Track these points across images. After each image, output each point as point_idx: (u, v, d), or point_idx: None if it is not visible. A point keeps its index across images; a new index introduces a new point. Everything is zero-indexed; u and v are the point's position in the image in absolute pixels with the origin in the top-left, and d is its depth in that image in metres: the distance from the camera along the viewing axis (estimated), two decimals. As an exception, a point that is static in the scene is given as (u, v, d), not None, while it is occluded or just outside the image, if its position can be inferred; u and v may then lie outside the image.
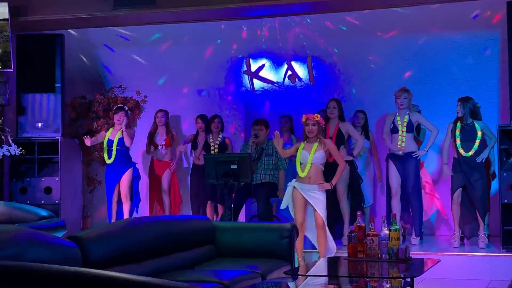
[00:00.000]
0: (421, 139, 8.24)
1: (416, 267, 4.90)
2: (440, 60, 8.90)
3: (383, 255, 4.94)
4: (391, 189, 7.82)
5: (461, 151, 7.43)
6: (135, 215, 8.60)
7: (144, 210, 9.32)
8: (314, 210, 6.68)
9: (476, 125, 7.44)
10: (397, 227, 5.03)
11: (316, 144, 6.66)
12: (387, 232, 4.98)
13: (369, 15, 8.79)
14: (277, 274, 4.98)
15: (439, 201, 8.41)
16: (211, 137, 8.72)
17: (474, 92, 8.02)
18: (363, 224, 5.14)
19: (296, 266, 5.64)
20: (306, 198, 6.66)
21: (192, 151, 9.03)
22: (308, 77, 9.45)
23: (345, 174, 7.70)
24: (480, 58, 8.77)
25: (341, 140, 7.83)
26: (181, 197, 9.17)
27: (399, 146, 7.69)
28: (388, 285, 4.42)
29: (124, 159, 8.40)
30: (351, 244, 5.05)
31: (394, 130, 7.76)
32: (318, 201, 6.63)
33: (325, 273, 5.02)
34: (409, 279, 4.54)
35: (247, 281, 4.50)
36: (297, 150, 6.77)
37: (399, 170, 7.75)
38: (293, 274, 4.86)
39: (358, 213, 5.36)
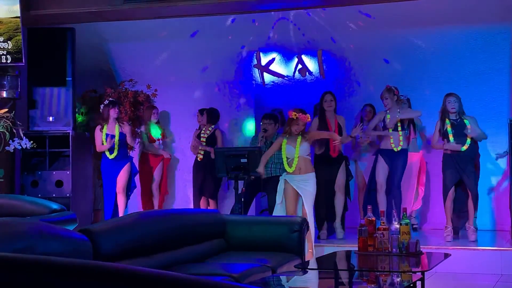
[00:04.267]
0: (418, 130, 8.24)
1: (427, 261, 4.89)
2: (451, 54, 8.86)
3: (394, 249, 4.93)
4: (377, 184, 7.82)
5: (456, 145, 7.39)
6: (129, 211, 8.70)
7: (137, 202, 9.40)
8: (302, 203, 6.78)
9: (465, 120, 7.42)
10: (408, 221, 5.01)
11: (299, 137, 6.81)
12: (397, 226, 4.98)
13: (380, 9, 8.75)
14: (287, 267, 4.99)
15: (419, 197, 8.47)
16: (202, 130, 8.80)
17: (484, 85, 8.00)
18: (373, 218, 5.13)
19: (306, 260, 5.64)
20: (297, 190, 6.75)
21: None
22: (318, 71, 9.43)
23: (344, 167, 7.80)
24: (491, 51, 8.73)
25: (341, 133, 7.82)
26: (167, 188, 9.30)
27: (393, 145, 7.69)
28: (398, 279, 4.42)
29: (122, 153, 8.46)
30: (361, 238, 5.04)
31: (385, 128, 7.76)
32: (308, 193, 6.75)
33: (336, 267, 5.02)
34: (419, 273, 4.54)
35: (257, 275, 4.51)
36: (280, 146, 6.89)
37: (388, 165, 7.75)
38: (303, 267, 4.86)
39: (369, 207, 5.34)
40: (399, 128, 7.67)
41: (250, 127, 9.49)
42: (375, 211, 6.81)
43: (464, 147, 7.39)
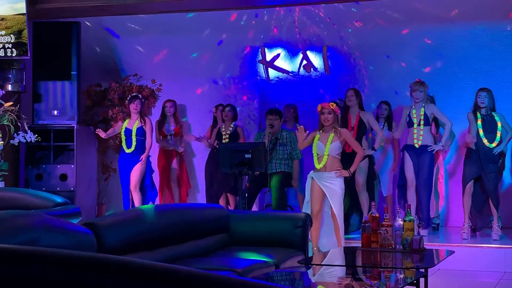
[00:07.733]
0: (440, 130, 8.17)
1: (430, 258, 4.89)
2: (457, 51, 8.84)
3: (397, 246, 4.93)
4: (407, 180, 7.75)
5: (485, 141, 7.39)
6: None
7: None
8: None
9: (496, 117, 7.42)
10: (412, 217, 5.01)
11: (332, 135, 6.60)
12: (401, 222, 4.97)
13: (386, 5, 8.73)
14: (291, 263, 4.99)
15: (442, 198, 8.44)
16: (223, 126, 8.75)
17: (490, 83, 7.97)
18: (377, 215, 5.13)
19: (310, 255, 5.64)
20: (322, 188, 6.61)
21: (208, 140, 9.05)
22: (323, 67, 9.42)
23: (364, 165, 7.67)
24: (497, 48, 8.71)
25: (363, 130, 7.76)
26: (190, 183, 9.25)
27: (415, 140, 7.65)
28: (401, 276, 4.42)
29: (140, 149, 8.42)
30: (365, 235, 5.04)
31: (410, 123, 7.70)
32: (334, 192, 6.56)
33: (338, 262, 5.02)
34: (423, 270, 4.54)
35: (261, 270, 4.52)
36: (312, 140, 6.73)
37: (414, 161, 7.70)
38: (306, 263, 4.86)
39: (372, 203, 5.35)
40: (422, 123, 7.63)
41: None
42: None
43: (493, 144, 7.38)
